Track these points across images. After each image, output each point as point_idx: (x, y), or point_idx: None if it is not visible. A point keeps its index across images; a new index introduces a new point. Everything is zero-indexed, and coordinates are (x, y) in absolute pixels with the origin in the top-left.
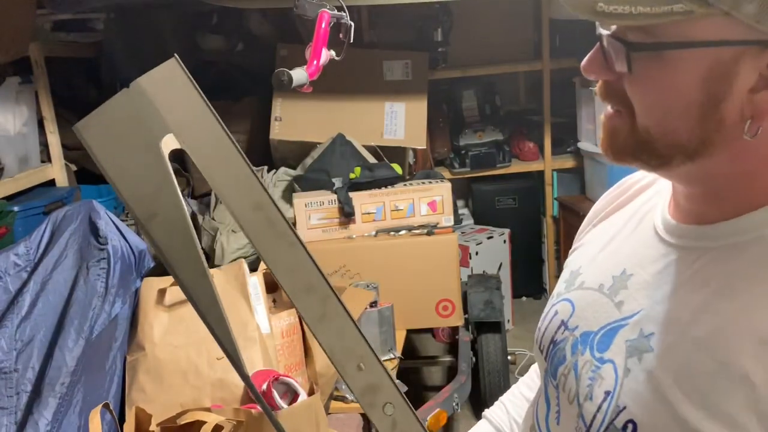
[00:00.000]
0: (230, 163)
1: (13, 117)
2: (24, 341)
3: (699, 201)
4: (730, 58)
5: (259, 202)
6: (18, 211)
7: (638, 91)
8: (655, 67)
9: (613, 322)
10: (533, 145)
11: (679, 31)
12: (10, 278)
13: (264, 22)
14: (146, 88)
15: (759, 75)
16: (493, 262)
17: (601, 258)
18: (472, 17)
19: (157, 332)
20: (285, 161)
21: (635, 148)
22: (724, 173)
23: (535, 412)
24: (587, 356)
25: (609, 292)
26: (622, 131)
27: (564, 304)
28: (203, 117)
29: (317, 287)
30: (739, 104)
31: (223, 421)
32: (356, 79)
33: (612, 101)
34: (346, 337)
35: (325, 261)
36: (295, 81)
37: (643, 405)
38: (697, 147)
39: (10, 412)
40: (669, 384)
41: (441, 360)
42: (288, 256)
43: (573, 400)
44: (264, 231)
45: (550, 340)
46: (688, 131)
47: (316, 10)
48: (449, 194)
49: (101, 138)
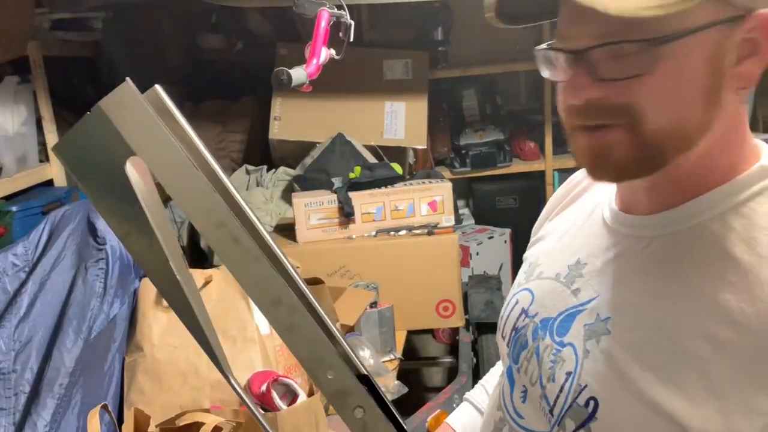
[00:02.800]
0: (190, 182)
1: (11, 116)
2: (22, 342)
3: (649, 191)
4: (718, 38)
5: (221, 220)
6: (16, 211)
7: (658, 89)
8: (670, 61)
9: (571, 308)
10: (534, 144)
11: (681, 22)
12: (9, 278)
13: (263, 21)
14: (107, 112)
15: (740, 46)
16: (494, 263)
17: (557, 250)
18: (473, 16)
19: (156, 333)
20: (284, 161)
21: (638, 159)
22: (690, 159)
23: (501, 393)
24: (548, 341)
25: (565, 280)
26: (619, 146)
27: (524, 293)
28: (160, 138)
29: (284, 299)
30: (732, 80)
31: (222, 422)
32: (356, 79)
33: (603, 118)
34: (314, 347)
35: (324, 261)
36: (295, 80)
37: (603, 382)
38: (696, 136)
39: (9, 413)
40: (627, 362)
41: (441, 361)
42: (253, 271)
43: (536, 382)
44: (228, 248)
45: (512, 327)
46: (695, 120)
47: (315, 8)
48: (450, 194)
49: (75, 160)
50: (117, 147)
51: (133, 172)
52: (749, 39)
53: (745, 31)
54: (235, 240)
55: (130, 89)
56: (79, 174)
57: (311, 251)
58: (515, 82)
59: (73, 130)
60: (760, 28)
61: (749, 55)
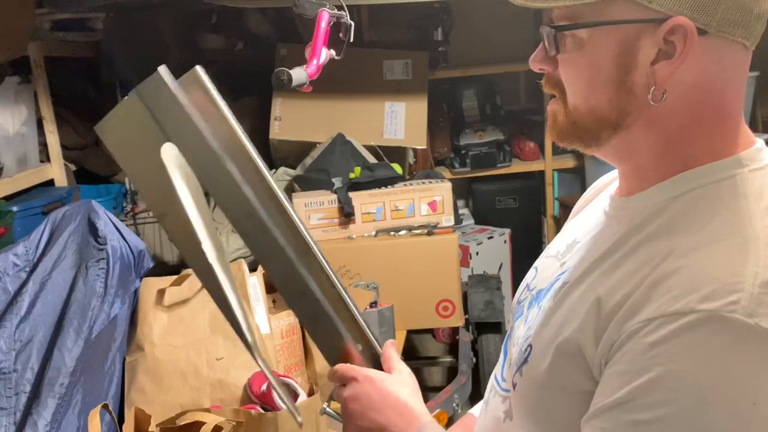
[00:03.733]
0: (219, 174)
1: (12, 117)
2: (23, 341)
3: (628, 176)
4: (633, 35)
5: (249, 211)
6: (17, 211)
7: (567, 71)
8: (578, 48)
9: (555, 278)
10: (534, 144)
11: (594, 15)
12: (9, 278)
13: (264, 21)
14: (143, 98)
15: (658, 49)
16: (494, 262)
17: (566, 231)
18: (473, 17)
19: (157, 333)
20: (285, 161)
21: (570, 128)
22: (645, 147)
23: (497, 367)
24: (535, 309)
25: (560, 256)
26: (559, 114)
27: (532, 271)
28: (191, 131)
29: (306, 292)
30: (644, 75)
31: (222, 421)
32: (356, 79)
33: (550, 89)
34: (332, 340)
35: None
36: (295, 80)
37: (537, 330)
38: (617, 118)
39: (9, 412)
40: (555, 312)
41: (441, 360)
42: (278, 263)
43: (515, 344)
44: (257, 238)
45: (517, 301)
46: (608, 102)
47: (315, 9)
48: (449, 194)
49: (116, 142)
50: (152, 133)
51: (170, 156)
52: (668, 42)
53: (664, 34)
54: (263, 230)
55: (161, 79)
56: (119, 156)
57: None
58: (515, 83)
59: (111, 113)
60: (678, 33)
61: (664, 58)
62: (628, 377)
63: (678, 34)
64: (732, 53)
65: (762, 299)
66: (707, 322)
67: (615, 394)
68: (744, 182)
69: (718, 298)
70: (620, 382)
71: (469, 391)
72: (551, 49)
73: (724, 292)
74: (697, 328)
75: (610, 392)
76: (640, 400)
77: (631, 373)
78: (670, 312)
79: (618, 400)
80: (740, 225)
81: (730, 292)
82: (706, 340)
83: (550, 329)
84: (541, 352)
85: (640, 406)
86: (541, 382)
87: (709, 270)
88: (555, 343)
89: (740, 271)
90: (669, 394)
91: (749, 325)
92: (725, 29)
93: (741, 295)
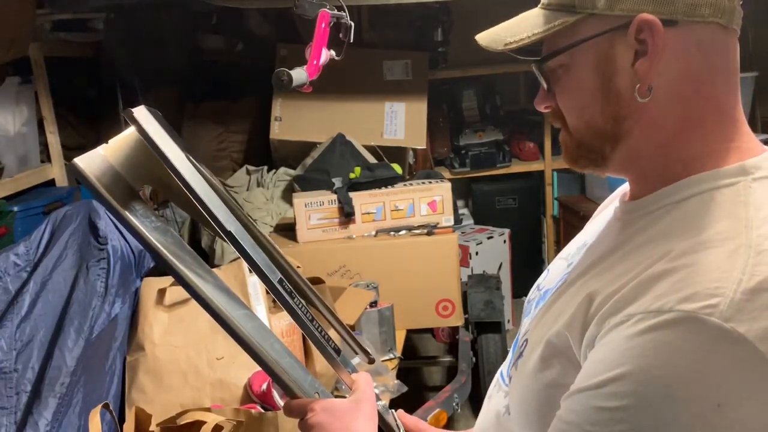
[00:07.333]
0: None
1: (12, 117)
2: (24, 341)
3: (634, 182)
4: (607, 45)
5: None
6: (18, 211)
7: (562, 98)
8: (563, 74)
9: (561, 278)
10: (533, 145)
11: (568, 39)
12: (10, 278)
13: (264, 22)
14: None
15: (634, 51)
16: (493, 262)
17: (579, 236)
18: (472, 17)
19: (157, 332)
20: (285, 161)
21: (577, 150)
22: (646, 152)
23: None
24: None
25: (569, 258)
26: (567, 142)
27: (544, 272)
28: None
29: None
30: (627, 77)
31: (222, 421)
32: (356, 79)
33: (555, 122)
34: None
35: (325, 261)
36: (295, 81)
37: (534, 324)
38: (613, 128)
39: (10, 412)
40: (549, 310)
41: (441, 360)
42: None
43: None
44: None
45: (527, 301)
46: (601, 113)
47: (316, 9)
48: (449, 194)
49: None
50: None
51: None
52: (641, 41)
53: (635, 34)
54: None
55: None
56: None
57: (311, 251)
58: (515, 83)
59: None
60: (645, 29)
61: (642, 56)
62: (603, 366)
63: (646, 31)
64: (709, 35)
65: (742, 306)
66: (683, 322)
67: (589, 380)
68: (746, 190)
69: (698, 300)
70: (596, 370)
71: (468, 390)
72: (545, 84)
73: (705, 295)
74: (672, 326)
75: (586, 377)
76: (609, 388)
77: (606, 362)
78: (651, 309)
79: (590, 386)
80: (736, 232)
81: (711, 295)
82: (679, 339)
83: (544, 324)
84: (534, 346)
85: (608, 393)
86: (532, 375)
87: (695, 274)
88: (546, 336)
89: (725, 277)
90: (636, 387)
91: (724, 328)
92: (692, 13)
93: (721, 300)
